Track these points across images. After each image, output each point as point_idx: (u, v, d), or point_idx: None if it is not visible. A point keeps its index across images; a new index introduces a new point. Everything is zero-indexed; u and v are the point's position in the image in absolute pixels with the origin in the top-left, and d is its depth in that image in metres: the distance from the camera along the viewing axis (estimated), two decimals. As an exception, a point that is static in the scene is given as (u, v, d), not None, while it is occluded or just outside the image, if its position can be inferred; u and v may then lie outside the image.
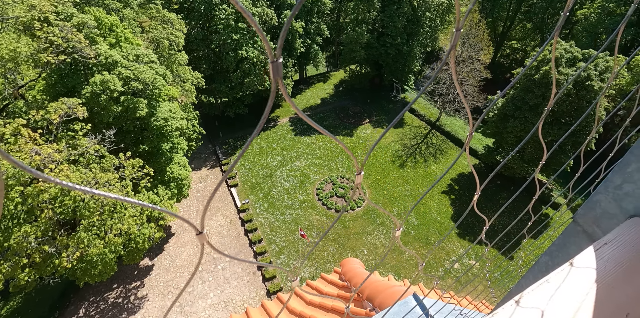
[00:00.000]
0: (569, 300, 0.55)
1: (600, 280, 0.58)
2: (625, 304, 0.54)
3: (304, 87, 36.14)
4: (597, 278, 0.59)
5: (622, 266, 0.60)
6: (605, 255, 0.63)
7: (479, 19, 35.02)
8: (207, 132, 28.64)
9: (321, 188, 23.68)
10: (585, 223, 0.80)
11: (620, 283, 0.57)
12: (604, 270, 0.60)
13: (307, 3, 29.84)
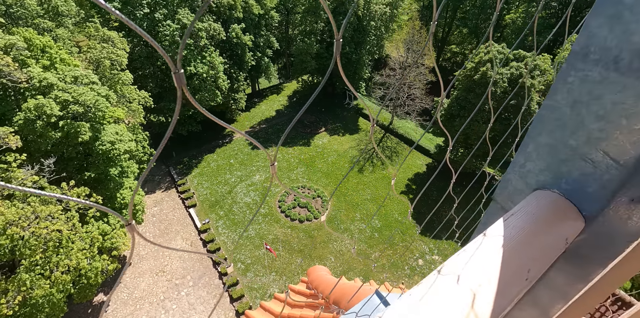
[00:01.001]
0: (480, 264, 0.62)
1: (506, 245, 0.62)
2: (527, 262, 0.63)
3: (257, 100, 35.95)
4: (503, 243, 0.62)
5: (524, 231, 0.63)
6: (511, 224, 0.65)
7: (420, 26, 37.08)
8: (159, 153, 27.38)
9: (283, 200, 23.41)
10: (502, 200, 0.86)
11: (522, 245, 0.63)
12: (509, 237, 0.63)
13: (255, 16, 29.93)
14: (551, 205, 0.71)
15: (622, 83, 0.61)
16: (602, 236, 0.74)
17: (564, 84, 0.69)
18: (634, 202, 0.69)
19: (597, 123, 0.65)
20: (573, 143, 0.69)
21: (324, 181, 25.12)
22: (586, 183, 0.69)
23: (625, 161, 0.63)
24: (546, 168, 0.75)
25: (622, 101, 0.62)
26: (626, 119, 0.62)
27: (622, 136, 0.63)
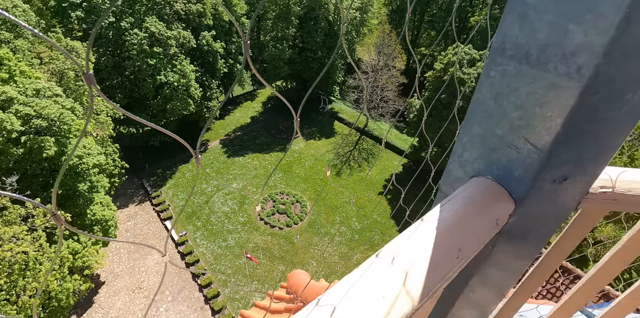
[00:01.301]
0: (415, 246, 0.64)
1: (440, 227, 0.66)
2: (458, 242, 0.66)
3: (231, 107, 35.61)
4: (437, 226, 0.66)
5: (457, 214, 0.67)
6: (446, 208, 0.69)
7: (390, 29, 37.90)
8: (130, 165, 26.59)
9: (263, 207, 23.20)
10: (445, 189, 0.90)
11: (455, 227, 0.67)
12: (443, 219, 0.67)
13: (225, 23, 29.74)
14: (484, 189, 0.77)
15: (532, 75, 0.67)
16: (532, 215, 0.81)
17: (487, 79, 0.74)
18: (555, 183, 0.76)
19: (516, 112, 0.71)
20: (499, 132, 0.75)
21: (303, 186, 25.10)
22: (513, 168, 0.75)
23: (542, 146, 0.69)
24: (479, 156, 0.81)
25: (534, 91, 0.68)
26: (539, 107, 0.68)
27: (538, 123, 0.69)
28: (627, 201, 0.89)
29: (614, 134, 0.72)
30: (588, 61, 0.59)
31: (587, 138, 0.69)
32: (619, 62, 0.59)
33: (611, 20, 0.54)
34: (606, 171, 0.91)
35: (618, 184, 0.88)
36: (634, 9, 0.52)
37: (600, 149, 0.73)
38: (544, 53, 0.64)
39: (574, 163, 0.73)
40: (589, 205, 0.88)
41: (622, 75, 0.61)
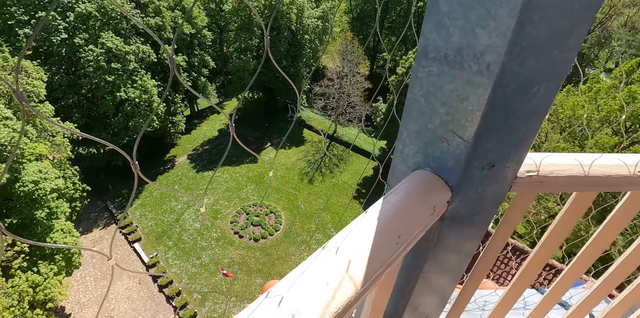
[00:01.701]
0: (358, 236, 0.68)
1: (381, 217, 0.70)
2: (397, 229, 0.71)
3: (197, 121, 34.93)
4: (379, 216, 0.70)
5: (397, 204, 0.72)
6: (388, 200, 0.74)
7: (352, 36, 38.82)
8: (93, 187, 25.33)
9: (235, 220, 22.75)
10: (392, 183, 0.97)
11: (395, 216, 0.71)
12: (385, 210, 0.71)
13: (186, 36, 29.31)
14: (423, 180, 0.83)
15: (452, 74, 0.75)
16: (469, 201, 0.89)
17: (416, 79, 0.82)
18: (484, 170, 0.84)
19: (443, 108, 0.79)
20: (431, 127, 0.83)
21: (275, 196, 24.90)
22: (446, 159, 0.82)
23: (468, 137, 0.77)
24: (418, 150, 0.88)
25: (456, 88, 0.76)
26: (461, 102, 0.76)
27: (461, 117, 0.77)
28: (551, 183, 0.99)
29: (528, 124, 0.81)
30: (495, 59, 0.67)
31: (505, 127, 0.78)
32: (520, 59, 0.67)
33: (508, 24, 0.63)
34: (532, 157, 1.01)
35: (542, 167, 0.98)
36: (524, 13, 0.61)
37: (518, 137, 0.82)
38: (459, 54, 0.72)
39: (498, 151, 0.81)
40: (519, 188, 0.97)
41: (526, 70, 0.70)
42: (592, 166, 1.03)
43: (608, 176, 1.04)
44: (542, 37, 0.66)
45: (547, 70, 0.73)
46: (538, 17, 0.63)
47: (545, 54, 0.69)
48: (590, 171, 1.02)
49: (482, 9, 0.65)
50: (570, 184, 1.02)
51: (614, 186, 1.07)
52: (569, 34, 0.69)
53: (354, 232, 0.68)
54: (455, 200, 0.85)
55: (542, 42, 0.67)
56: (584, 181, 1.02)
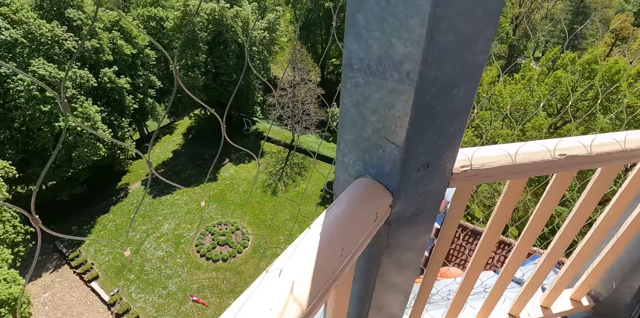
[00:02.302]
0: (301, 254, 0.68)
1: (324, 231, 0.70)
2: (340, 242, 0.72)
3: (148, 144, 33.30)
4: (322, 231, 0.70)
5: (340, 216, 0.72)
6: (331, 212, 0.75)
7: (300, 45, 39.27)
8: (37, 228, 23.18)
9: (200, 243, 21.85)
10: (338, 193, 0.99)
11: (337, 228, 0.72)
12: (327, 223, 0.71)
13: (128, 57, 28.08)
14: (364, 188, 0.86)
15: (377, 84, 0.79)
16: (411, 201, 0.93)
17: (346, 90, 0.85)
18: (420, 171, 0.88)
19: (373, 116, 0.82)
20: (365, 135, 0.85)
21: (240, 212, 24.30)
22: (383, 164, 0.86)
23: (399, 142, 0.80)
24: (357, 159, 0.91)
25: (382, 97, 0.79)
26: (389, 110, 0.79)
27: (391, 123, 0.80)
28: (485, 174, 1.06)
29: (454, 123, 0.87)
30: (413, 67, 0.71)
31: (433, 129, 0.83)
32: (435, 65, 0.72)
33: (419, 33, 0.67)
34: (464, 152, 1.08)
35: (474, 161, 1.05)
36: (432, 23, 0.66)
37: (447, 137, 0.87)
38: (381, 64, 0.76)
39: (430, 152, 0.86)
40: (456, 183, 1.04)
41: (443, 75, 0.75)
42: (518, 155, 1.12)
43: (534, 162, 1.13)
44: (452, 43, 0.71)
45: (462, 72, 0.78)
46: (445, 26, 0.68)
47: (458, 59, 0.75)
48: (517, 160, 1.11)
49: (395, 21, 0.69)
50: (502, 174, 1.10)
51: (540, 171, 1.16)
52: (477, 39, 0.75)
53: (297, 250, 0.68)
54: (398, 203, 0.88)
55: (453, 47, 0.72)
56: (513, 169, 1.11)
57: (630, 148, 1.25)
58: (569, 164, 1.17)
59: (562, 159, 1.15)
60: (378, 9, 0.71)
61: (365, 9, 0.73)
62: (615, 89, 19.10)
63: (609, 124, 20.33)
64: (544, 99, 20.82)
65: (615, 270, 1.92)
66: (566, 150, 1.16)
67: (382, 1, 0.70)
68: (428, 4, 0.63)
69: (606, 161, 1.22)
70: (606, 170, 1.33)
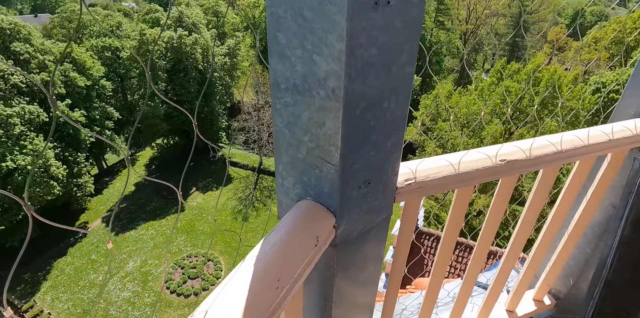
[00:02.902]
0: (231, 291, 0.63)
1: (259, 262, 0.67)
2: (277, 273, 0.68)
3: (108, 179, 31.79)
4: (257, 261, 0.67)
5: (275, 244, 0.67)
6: (269, 241, 0.70)
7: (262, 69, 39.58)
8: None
9: (170, 278, 20.62)
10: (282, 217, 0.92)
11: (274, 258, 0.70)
12: (264, 253, 0.67)
13: (81, 89, 27.04)
14: (304, 211, 0.82)
15: (305, 102, 0.76)
16: (356, 220, 0.89)
17: (276, 111, 0.82)
18: (362, 188, 0.86)
19: (306, 136, 0.79)
20: (301, 156, 0.82)
21: (212, 241, 23.37)
22: (322, 185, 0.82)
23: (335, 161, 0.78)
24: (296, 181, 0.87)
25: (311, 115, 0.77)
26: (320, 128, 0.77)
27: (324, 142, 0.78)
28: (430, 186, 1.06)
29: (391, 137, 0.86)
30: (337, 83, 0.70)
31: (369, 145, 0.81)
32: (361, 79, 0.71)
33: (339, 49, 0.66)
34: (407, 165, 1.07)
35: (418, 174, 1.05)
36: (350, 38, 0.65)
37: (385, 151, 0.86)
38: (306, 82, 0.74)
39: (369, 168, 0.84)
40: (402, 197, 1.02)
41: (370, 89, 0.74)
42: (461, 164, 1.13)
43: (476, 169, 1.15)
44: (375, 56, 0.70)
45: (391, 86, 0.77)
46: (365, 40, 0.67)
47: (385, 72, 0.74)
48: (461, 169, 1.12)
49: (315, 37, 0.68)
50: (447, 184, 1.10)
51: (484, 177, 1.18)
52: (401, 51, 0.75)
53: (228, 286, 0.62)
54: (342, 223, 0.85)
55: (377, 61, 0.71)
56: (457, 178, 1.11)
57: (566, 148, 1.30)
58: (510, 169, 1.20)
59: (504, 164, 1.18)
60: (296, 27, 0.70)
61: (284, 28, 0.72)
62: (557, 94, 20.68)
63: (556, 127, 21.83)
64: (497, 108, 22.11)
65: (571, 266, 1.99)
66: (506, 156, 1.19)
67: (299, 18, 0.69)
68: (343, 19, 0.62)
69: (545, 163, 1.27)
70: (547, 171, 1.38)
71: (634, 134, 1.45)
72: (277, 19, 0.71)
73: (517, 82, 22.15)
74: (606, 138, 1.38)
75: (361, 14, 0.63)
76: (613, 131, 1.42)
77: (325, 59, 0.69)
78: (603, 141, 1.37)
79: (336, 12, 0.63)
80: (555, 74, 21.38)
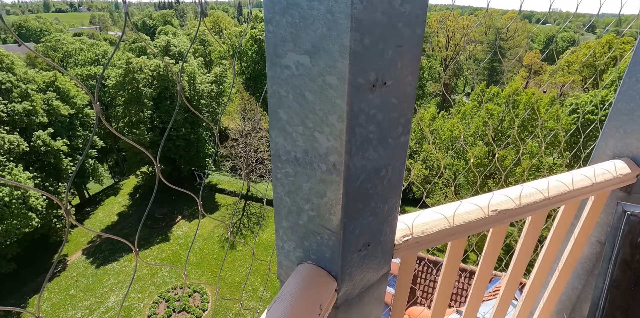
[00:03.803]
0: None
1: None
2: None
3: (90, 209, 30.80)
4: None
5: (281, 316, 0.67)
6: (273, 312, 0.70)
7: (248, 96, 40.05)
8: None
9: (154, 312, 19.63)
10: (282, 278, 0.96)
11: None
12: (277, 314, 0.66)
13: (65, 117, 26.73)
14: (306, 277, 0.83)
15: (306, 174, 0.79)
16: (356, 282, 0.91)
17: (277, 180, 0.85)
18: (361, 251, 0.88)
19: (307, 204, 0.82)
20: (302, 223, 0.84)
21: (197, 272, 22.56)
22: (323, 251, 0.84)
23: (335, 228, 0.80)
24: (297, 245, 0.89)
25: (312, 186, 0.80)
26: (321, 198, 0.80)
27: (324, 211, 0.80)
28: (426, 240, 1.09)
29: (388, 201, 0.89)
30: (338, 159, 0.73)
31: (367, 211, 0.84)
32: (360, 154, 0.75)
33: (340, 128, 0.70)
34: (404, 221, 1.10)
35: (414, 229, 1.08)
36: (350, 118, 0.69)
37: (383, 214, 0.89)
38: (307, 156, 0.77)
39: (368, 232, 0.87)
40: (400, 254, 1.04)
41: (369, 162, 0.78)
42: (455, 216, 1.17)
43: (470, 221, 1.18)
44: (373, 132, 0.75)
45: (388, 155, 0.81)
46: (364, 119, 0.71)
47: (383, 144, 0.78)
48: (455, 221, 1.15)
49: (316, 117, 0.72)
50: (442, 237, 1.13)
51: (477, 228, 1.21)
52: (396, 124, 0.79)
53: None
54: (343, 287, 0.86)
55: (375, 136, 0.76)
56: (452, 231, 1.14)
57: (552, 195, 1.36)
58: (501, 218, 1.24)
59: (495, 214, 1.22)
60: (298, 106, 0.74)
61: (285, 105, 0.75)
62: (537, 116, 21.47)
63: (537, 147, 22.50)
64: (478, 130, 22.73)
65: (563, 301, 2.01)
66: (497, 206, 1.24)
67: (300, 99, 0.73)
68: (343, 102, 0.67)
69: (533, 210, 1.32)
70: (535, 218, 1.43)
71: (614, 176, 1.53)
72: (279, 98, 0.75)
73: (498, 105, 23.00)
74: (589, 182, 1.45)
75: (360, 96, 0.68)
76: (595, 175, 1.49)
77: (326, 136, 0.73)
78: (586, 185, 1.44)
79: (337, 96, 0.67)
80: (532, 97, 22.33)
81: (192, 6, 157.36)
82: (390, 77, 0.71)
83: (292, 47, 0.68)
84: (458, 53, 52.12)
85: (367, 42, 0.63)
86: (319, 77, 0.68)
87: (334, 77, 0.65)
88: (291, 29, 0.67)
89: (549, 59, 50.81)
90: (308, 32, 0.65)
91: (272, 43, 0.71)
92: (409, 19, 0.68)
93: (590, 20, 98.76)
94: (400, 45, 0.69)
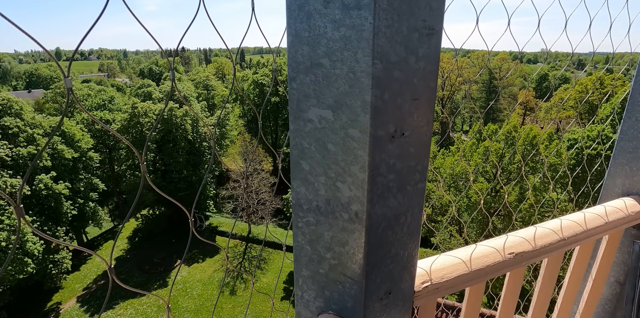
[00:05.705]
0: None
1: None
2: None
3: (87, 254, 29.97)
4: None
5: None
6: None
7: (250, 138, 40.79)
8: None
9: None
10: None
11: None
12: None
13: (68, 161, 26.99)
14: (329, 329, 0.81)
15: (328, 223, 0.81)
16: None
17: (298, 229, 0.86)
18: (383, 299, 0.87)
19: (328, 253, 0.82)
20: (322, 272, 0.84)
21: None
22: (344, 300, 0.83)
23: (358, 278, 0.80)
24: (317, 295, 0.88)
25: (335, 235, 0.81)
26: (342, 247, 0.81)
27: (346, 260, 0.81)
28: (445, 287, 1.07)
29: (409, 247, 0.90)
30: (360, 208, 0.75)
31: (388, 259, 0.84)
32: (382, 202, 0.77)
33: (362, 179, 0.73)
34: (422, 266, 1.09)
35: (433, 275, 1.06)
36: (372, 169, 0.72)
37: (403, 261, 0.89)
38: (329, 205, 0.80)
39: (389, 280, 0.86)
40: (420, 301, 1.02)
41: (390, 210, 0.80)
42: (472, 260, 1.16)
43: (488, 265, 1.17)
44: (393, 181, 0.78)
45: (407, 202, 0.84)
46: (385, 169, 0.75)
47: (402, 192, 0.81)
48: (473, 266, 1.14)
49: (338, 167, 0.75)
50: (461, 283, 1.11)
51: (495, 272, 1.19)
52: (414, 172, 0.82)
53: None
54: (363, 339, 0.84)
55: (394, 185, 0.78)
56: (471, 276, 1.13)
57: (567, 235, 1.35)
58: (519, 261, 1.23)
59: (513, 257, 1.21)
60: (320, 157, 0.77)
61: (308, 157, 0.79)
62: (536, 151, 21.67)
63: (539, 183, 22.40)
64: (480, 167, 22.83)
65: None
66: (514, 248, 1.23)
67: (323, 150, 0.77)
68: (365, 154, 0.71)
69: (549, 251, 1.31)
70: (552, 259, 1.41)
71: (626, 214, 1.53)
72: (302, 149, 0.79)
73: (497, 142, 23.33)
74: (602, 221, 1.45)
75: (381, 147, 0.72)
76: (607, 213, 1.49)
77: (348, 186, 0.76)
78: (600, 224, 1.44)
79: (359, 148, 0.71)
80: (531, 133, 22.72)
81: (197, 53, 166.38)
82: (408, 128, 0.75)
83: (315, 102, 0.73)
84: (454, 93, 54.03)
85: (386, 97, 0.68)
86: (341, 130, 0.72)
87: (356, 130, 0.70)
88: (314, 86, 0.72)
89: (543, 96, 52.51)
90: (331, 89, 0.71)
91: (296, 99, 0.76)
92: (423, 75, 0.74)
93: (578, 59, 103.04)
94: (417, 98, 0.74)
